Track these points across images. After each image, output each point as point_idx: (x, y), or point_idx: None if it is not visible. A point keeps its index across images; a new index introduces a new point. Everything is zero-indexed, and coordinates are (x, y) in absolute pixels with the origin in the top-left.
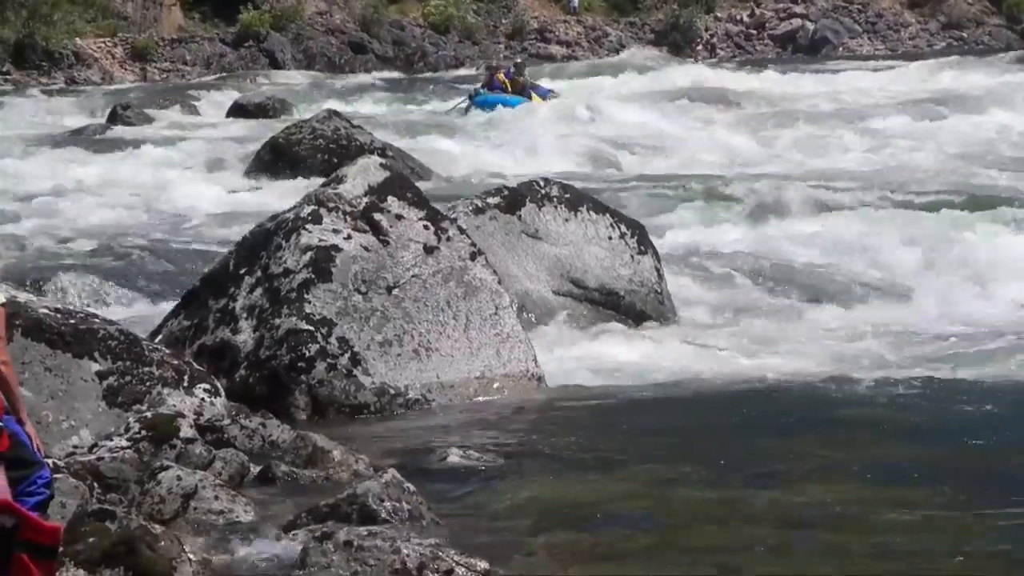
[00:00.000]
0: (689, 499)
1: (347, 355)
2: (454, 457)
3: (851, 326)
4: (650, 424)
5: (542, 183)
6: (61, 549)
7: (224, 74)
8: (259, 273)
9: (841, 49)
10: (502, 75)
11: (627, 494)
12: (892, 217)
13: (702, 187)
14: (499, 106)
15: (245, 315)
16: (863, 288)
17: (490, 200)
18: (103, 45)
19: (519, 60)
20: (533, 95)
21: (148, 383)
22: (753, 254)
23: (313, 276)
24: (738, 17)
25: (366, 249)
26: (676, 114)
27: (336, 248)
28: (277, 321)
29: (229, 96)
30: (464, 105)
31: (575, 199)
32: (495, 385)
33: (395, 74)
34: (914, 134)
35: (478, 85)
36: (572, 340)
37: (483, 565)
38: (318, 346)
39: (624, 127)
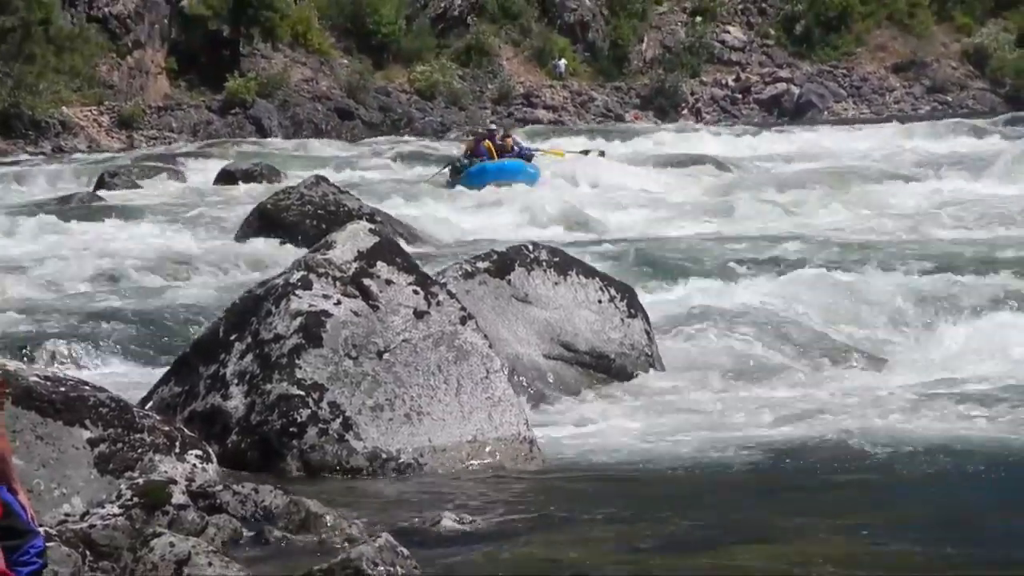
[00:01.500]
0: (681, 566)
1: (339, 420)
2: (447, 521)
3: (842, 388)
4: (642, 489)
5: (531, 247)
6: None
7: (211, 141)
8: (249, 339)
9: (826, 113)
10: (488, 143)
11: (619, 561)
12: (882, 278)
13: (692, 250)
14: (490, 183)
15: (236, 381)
16: (853, 349)
17: (479, 264)
18: (89, 113)
19: (494, 125)
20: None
21: (139, 450)
22: (744, 315)
23: (303, 341)
24: (723, 81)
25: (356, 314)
26: (664, 178)
27: (326, 313)
28: (268, 386)
29: (216, 163)
30: (446, 172)
31: (564, 263)
32: (487, 449)
33: (381, 139)
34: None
35: (459, 155)
36: (564, 403)
37: None
38: (309, 411)
39: (613, 190)
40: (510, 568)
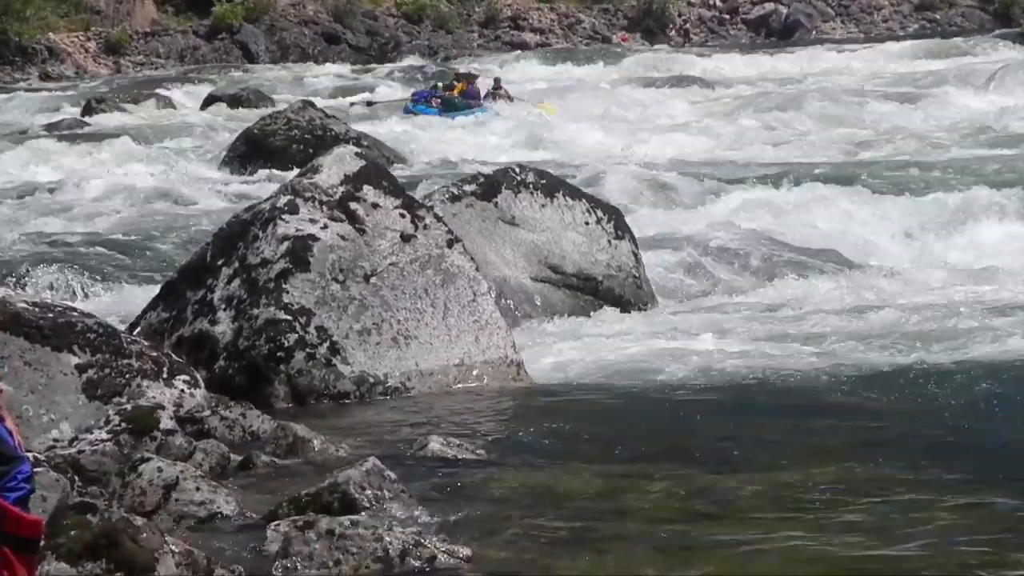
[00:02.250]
0: (668, 487)
1: (326, 344)
2: (435, 445)
3: (831, 310)
4: (628, 411)
5: (518, 170)
6: (43, 543)
7: (198, 66)
8: (237, 264)
9: (814, 32)
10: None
11: (605, 482)
12: (870, 200)
13: (679, 172)
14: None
15: (223, 306)
16: (842, 272)
17: (466, 187)
18: (76, 39)
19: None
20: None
21: (127, 375)
22: (731, 238)
23: (291, 266)
24: (711, 2)
25: (343, 238)
26: (652, 100)
27: (313, 238)
28: (255, 311)
29: (203, 88)
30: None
31: (551, 185)
32: (474, 372)
33: (369, 64)
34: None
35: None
36: (550, 326)
37: (465, 551)
38: (297, 336)
39: (601, 114)
40: (498, 490)
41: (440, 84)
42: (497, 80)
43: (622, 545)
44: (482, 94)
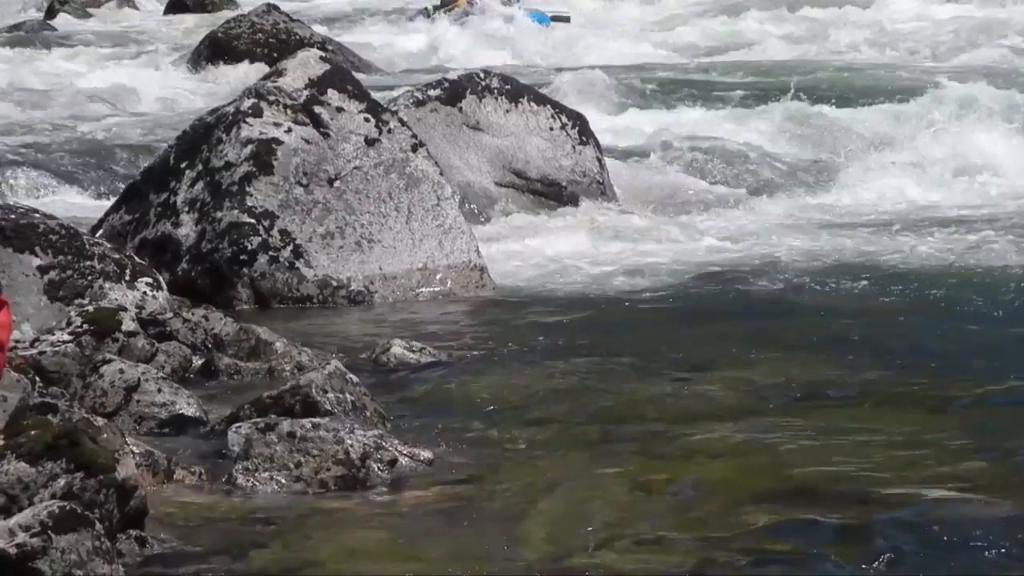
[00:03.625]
0: (632, 390)
1: (289, 248)
2: (397, 348)
3: (796, 213)
4: (592, 315)
5: (482, 75)
6: (3, 443)
7: None
8: (200, 167)
9: None
10: None
11: (568, 386)
12: (838, 110)
13: (644, 76)
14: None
15: (186, 209)
16: (809, 176)
17: (431, 92)
18: None
19: None
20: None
21: (90, 277)
22: (696, 144)
23: (254, 169)
24: None
25: (307, 142)
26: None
27: (277, 141)
28: (219, 214)
29: None
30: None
31: (516, 90)
32: (438, 276)
33: None
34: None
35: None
36: (514, 230)
37: (426, 455)
38: (260, 239)
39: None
40: (460, 394)
41: (430, 6)
42: None
43: (584, 448)
44: None
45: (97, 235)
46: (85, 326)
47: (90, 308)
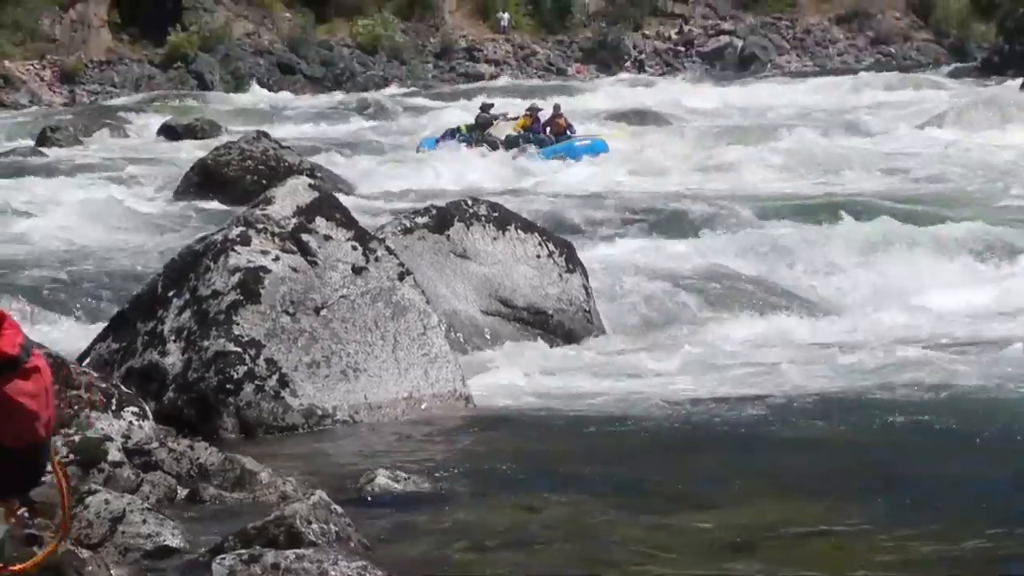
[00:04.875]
0: (616, 524)
1: (275, 376)
2: (382, 479)
3: (779, 342)
4: (576, 446)
5: (470, 202)
6: None
7: (153, 94)
8: (188, 295)
9: (770, 65)
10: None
11: (554, 518)
12: (815, 232)
13: (630, 205)
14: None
15: (173, 337)
16: (789, 303)
17: (418, 220)
18: (31, 68)
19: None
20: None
21: (76, 406)
22: (681, 271)
23: (241, 298)
24: (666, 35)
25: (294, 270)
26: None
27: (264, 269)
28: (205, 343)
29: (158, 118)
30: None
31: (503, 218)
32: (423, 406)
33: (324, 95)
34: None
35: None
36: (501, 360)
37: None
38: (246, 368)
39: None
40: (444, 526)
41: (463, 126)
42: (557, 106)
43: None
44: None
45: (84, 364)
46: (71, 456)
47: (76, 438)
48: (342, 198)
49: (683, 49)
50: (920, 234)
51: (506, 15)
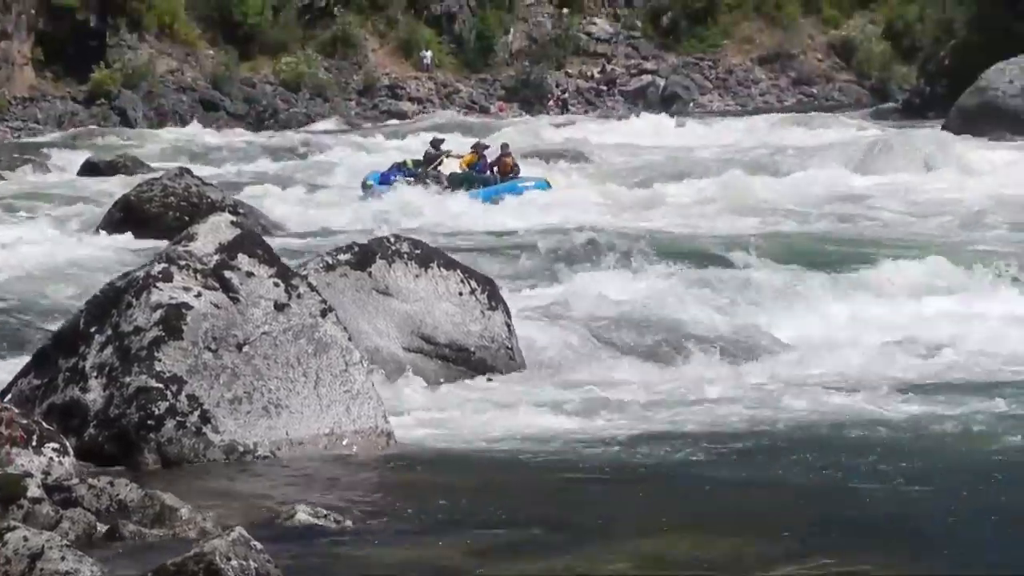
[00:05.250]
0: (535, 559)
1: (197, 413)
2: (302, 515)
3: (694, 378)
4: (498, 483)
5: (392, 239)
6: None
7: (76, 131)
8: (110, 331)
9: (691, 105)
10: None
11: (472, 554)
12: (729, 274)
13: (551, 241)
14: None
15: (95, 373)
16: (709, 343)
17: (341, 257)
18: None
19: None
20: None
21: None
22: (604, 309)
23: (163, 334)
24: (589, 73)
25: (216, 306)
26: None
27: (187, 306)
28: (127, 379)
29: (81, 155)
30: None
31: (425, 255)
32: (344, 442)
33: (246, 131)
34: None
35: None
36: (422, 397)
37: None
38: (168, 404)
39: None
40: (363, 562)
41: (409, 161)
42: (505, 145)
43: None
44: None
45: (5, 400)
46: None
47: None
48: (264, 236)
49: (605, 88)
50: (840, 276)
51: (429, 53)
